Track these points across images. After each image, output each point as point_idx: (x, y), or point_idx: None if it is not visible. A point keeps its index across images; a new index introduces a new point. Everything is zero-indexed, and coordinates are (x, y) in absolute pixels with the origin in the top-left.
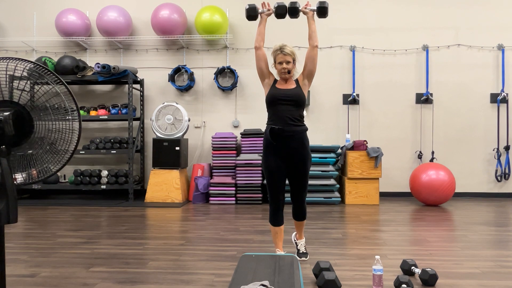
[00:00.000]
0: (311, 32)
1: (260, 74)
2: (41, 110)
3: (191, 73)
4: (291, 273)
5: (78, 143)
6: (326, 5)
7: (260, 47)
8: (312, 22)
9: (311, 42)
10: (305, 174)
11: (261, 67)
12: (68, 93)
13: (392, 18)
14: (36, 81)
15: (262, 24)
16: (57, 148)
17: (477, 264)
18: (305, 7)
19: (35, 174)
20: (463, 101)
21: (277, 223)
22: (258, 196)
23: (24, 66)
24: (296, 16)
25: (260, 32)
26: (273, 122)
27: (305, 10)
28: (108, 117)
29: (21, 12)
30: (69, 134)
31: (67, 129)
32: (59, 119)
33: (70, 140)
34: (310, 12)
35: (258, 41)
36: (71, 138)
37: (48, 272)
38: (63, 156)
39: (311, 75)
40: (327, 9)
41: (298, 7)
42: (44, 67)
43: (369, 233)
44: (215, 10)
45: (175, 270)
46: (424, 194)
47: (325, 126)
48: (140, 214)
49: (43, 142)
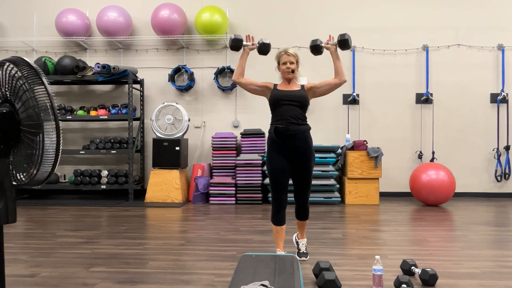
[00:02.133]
0: (337, 68)
1: (257, 94)
2: (24, 111)
3: (191, 73)
4: (291, 273)
5: (57, 148)
6: (346, 37)
7: (239, 80)
8: (337, 58)
9: (339, 77)
10: (309, 173)
11: (253, 90)
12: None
13: (392, 18)
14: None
15: (244, 58)
16: (33, 151)
17: (477, 264)
18: (327, 42)
19: (24, 177)
20: (463, 101)
21: (279, 223)
22: (258, 196)
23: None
24: (320, 53)
25: (240, 64)
26: (277, 121)
27: (327, 46)
28: (108, 117)
29: (21, 12)
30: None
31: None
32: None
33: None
34: (332, 47)
35: (237, 75)
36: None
37: (48, 272)
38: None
39: (317, 95)
40: (348, 41)
41: (320, 44)
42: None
43: (369, 233)
44: (215, 10)
45: (175, 270)
46: (424, 194)
47: (325, 126)
48: (140, 214)
49: (24, 148)
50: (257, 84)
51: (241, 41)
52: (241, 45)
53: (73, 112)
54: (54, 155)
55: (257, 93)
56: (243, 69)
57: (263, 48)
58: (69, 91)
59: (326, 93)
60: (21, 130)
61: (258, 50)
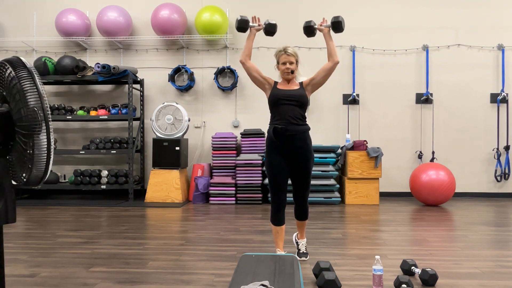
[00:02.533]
0: (330, 49)
1: (257, 84)
2: (17, 111)
3: (191, 73)
4: (291, 273)
5: (49, 149)
6: (340, 19)
7: (245, 61)
8: (330, 39)
9: (332, 59)
10: (308, 174)
11: (255, 77)
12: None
13: (392, 18)
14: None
15: (250, 39)
16: (27, 156)
17: (477, 264)
18: (321, 24)
19: (21, 177)
20: (463, 101)
21: (278, 223)
22: (258, 196)
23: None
24: (313, 35)
25: (247, 46)
26: (276, 121)
27: (320, 28)
28: (108, 117)
29: (21, 12)
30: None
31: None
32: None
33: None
34: (325, 29)
35: (244, 56)
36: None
37: (48, 272)
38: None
39: (318, 85)
40: (341, 23)
41: (314, 25)
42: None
43: (369, 233)
44: (215, 10)
45: (175, 270)
46: (424, 194)
47: (325, 126)
48: (140, 214)
49: (19, 148)
50: (261, 74)
51: (247, 22)
52: (248, 26)
53: (73, 112)
54: (46, 156)
55: (258, 83)
56: (250, 50)
57: (269, 28)
58: (69, 91)
59: (325, 80)
60: (16, 130)
61: (264, 31)
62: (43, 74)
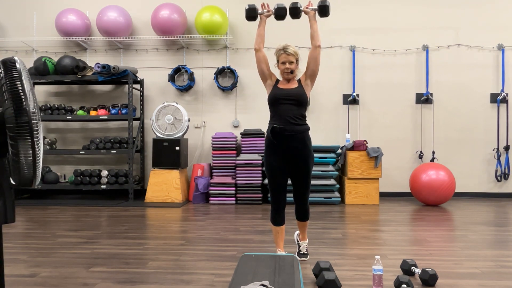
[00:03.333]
0: (313, 32)
1: (261, 75)
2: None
3: (191, 73)
4: (291, 273)
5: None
6: (327, 3)
7: (260, 49)
8: (314, 22)
9: (314, 42)
10: (307, 174)
11: (262, 69)
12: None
13: (392, 18)
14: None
15: (262, 26)
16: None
17: (477, 264)
18: (307, 7)
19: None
20: (463, 101)
21: (278, 223)
22: (258, 196)
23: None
24: (298, 17)
25: (259, 33)
26: (274, 121)
27: (306, 10)
28: (108, 117)
29: (21, 12)
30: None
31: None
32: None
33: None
34: (311, 12)
35: (258, 43)
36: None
37: (48, 272)
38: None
39: (313, 75)
40: (328, 7)
41: (300, 7)
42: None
43: (369, 233)
44: (215, 10)
45: (175, 270)
46: (424, 194)
47: (325, 126)
48: (140, 214)
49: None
50: (268, 67)
51: (255, 10)
52: (257, 14)
53: (73, 112)
54: (32, 160)
55: (262, 75)
56: (263, 38)
57: (279, 12)
58: (69, 91)
59: (316, 67)
60: (5, 132)
61: (275, 16)
62: (43, 74)
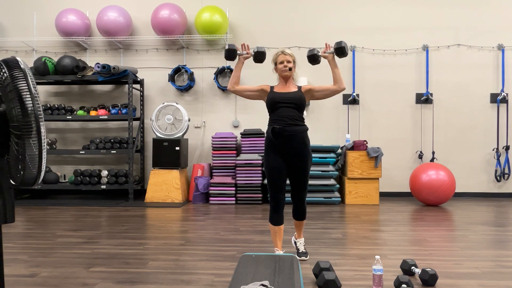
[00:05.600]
0: (335, 76)
1: (254, 98)
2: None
3: (191, 73)
4: (291, 273)
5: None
6: (343, 45)
7: (233, 89)
8: (335, 66)
9: (338, 85)
10: (306, 174)
11: (249, 96)
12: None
13: (392, 18)
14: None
15: (238, 67)
16: (19, 157)
17: (477, 264)
18: (324, 51)
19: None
20: (463, 101)
21: (277, 223)
22: (258, 196)
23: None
24: (317, 62)
25: (235, 74)
26: (274, 122)
27: (324, 55)
28: (108, 117)
29: (21, 12)
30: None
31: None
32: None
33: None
34: (329, 55)
35: (231, 85)
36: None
37: (48, 272)
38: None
39: (314, 98)
40: (345, 48)
41: (317, 53)
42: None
43: (369, 233)
44: (215, 10)
45: (175, 270)
46: (424, 194)
47: (325, 126)
48: (140, 214)
49: (13, 149)
50: (253, 89)
51: (235, 51)
52: (235, 55)
53: (73, 112)
54: (38, 158)
55: (254, 97)
56: (238, 78)
57: (258, 56)
58: (69, 91)
59: (323, 98)
60: (9, 131)
61: (253, 58)
62: (43, 74)
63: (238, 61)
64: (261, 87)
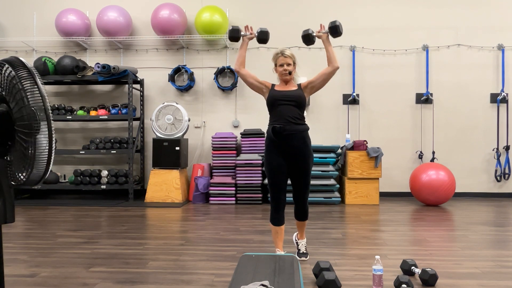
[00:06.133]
0: (329, 55)
1: (255, 89)
2: (17, 111)
3: (191, 73)
4: (291, 273)
5: (50, 146)
6: (337, 23)
7: (239, 69)
8: (328, 45)
9: (332, 64)
10: (307, 174)
11: (252, 83)
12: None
13: (392, 18)
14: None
15: (243, 47)
16: (26, 152)
17: (477, 264)
18: (319, 31)
19: (21, 177)
20: (463, 101)
21: (277, 223)
22: (258, 196)
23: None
24: (312, 43)
25: (240, 54)
26: (274, 122)
27: (318, 34)
28: (108, 117)
29: (21, 12)
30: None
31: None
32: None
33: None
34: (323, 35)
35: (237, 65)
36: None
37: (48, 272)
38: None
39: (316, 89)
40: (339, 27)
41: (312, 33)
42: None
43: (369, 233)
44: (215, 10)
45: (175, 270)
46: (424, 194)
47: (325, 126)
48: (140, 214)
49: (19, 147)
50: (257, 79)
51: (238, 31)
52: (239, 35)
53: (73, 112)
54: (47, 156)
55: (255, 88)
56: (243, 59)
57: (261, 36)
58: (69, 91)
59: (323, 84)
60: (15, 130)
61: (257, 39)
62: (43, 74)
63: (243, 42)
64: (264, 82)
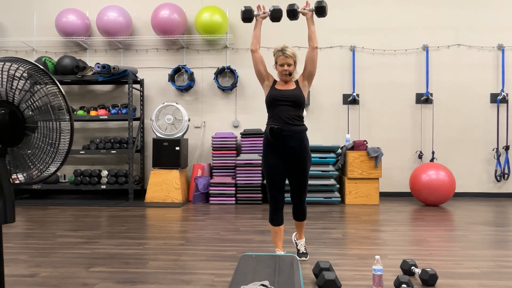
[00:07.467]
0: (310, 33)
1: (259, 76)
2: (33, 110)
3: (191, 73)
4: (291, 273)
5: (71, 143)
6: (324, 4)
7: (256, 50)
8: (312, 23)
9: (311, 44)
10: (305, 174)
11: (259, 70)
12: (59, 94)
13: (392, 18)
14: (28, 81)
15: (258, 27)
16: (50, 148)
17: (477, 264)
18: (304, 8)
19: (35, 174)
20: (463, 101)
21: (276, 223)
22: (258, 196)
23: (17, 66)
24: (296, 18)
25: (255, 35)
26: (272, 122)
27: (303, 11)
28: (108, 117)
29: (21, 12)
30: (58, 134)
31: (58, 129)
32: (51, 120)
33: (59, 140)
34: (309, 13)
35: (254, 44)
36: (61, 139)
37: (48, 272)
38: (55, 156)
39: (311, 76)
40: (325, 8)
41: (297, 9)
42: (38, 67)
43: (369, 233)
44: (215, 10)
45: (175, 270)
46: (424, 194)
47: (325, 126)
48: (140, 214)
49: (38, 142)
50: (265, 68)
51: (251, 11)
52: (253, 16)
53: (73, 112)
54: (66, 152)
55: (260, 75)
56: (258, 39)
57: (275, 14)
58: (69, 91)
59: (314, 67)
60: (26, 127)
61: (270, 17)
62: None
63: (256, 22)
64: (269, 74)
